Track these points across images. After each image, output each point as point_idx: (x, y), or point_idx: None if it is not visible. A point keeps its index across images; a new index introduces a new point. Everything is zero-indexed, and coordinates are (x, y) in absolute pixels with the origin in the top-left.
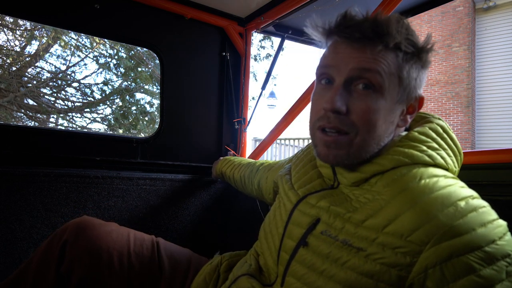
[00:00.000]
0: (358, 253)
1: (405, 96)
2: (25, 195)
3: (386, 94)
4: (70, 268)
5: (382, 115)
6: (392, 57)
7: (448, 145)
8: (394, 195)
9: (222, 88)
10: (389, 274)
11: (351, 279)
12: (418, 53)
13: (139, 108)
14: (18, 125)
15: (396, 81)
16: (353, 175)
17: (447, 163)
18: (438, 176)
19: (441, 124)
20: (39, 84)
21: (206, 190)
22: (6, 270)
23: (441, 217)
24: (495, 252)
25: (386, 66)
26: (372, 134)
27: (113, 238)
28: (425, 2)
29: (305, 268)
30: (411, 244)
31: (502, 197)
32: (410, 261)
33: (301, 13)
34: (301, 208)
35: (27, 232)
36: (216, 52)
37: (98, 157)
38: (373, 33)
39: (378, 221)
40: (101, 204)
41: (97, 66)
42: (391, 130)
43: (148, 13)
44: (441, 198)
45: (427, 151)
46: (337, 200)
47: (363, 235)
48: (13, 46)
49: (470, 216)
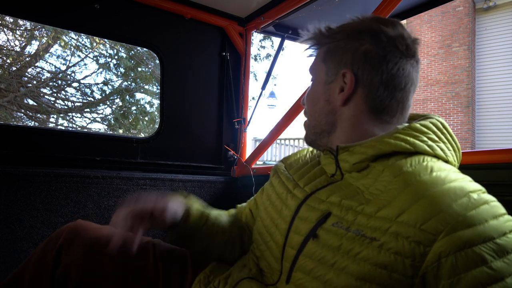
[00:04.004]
0: (371, 243)
1: (330, 76)
2: (25, 195)
3: (315, 80)
4: (65, 273)
5: (313, 97)
6: (320, 52)
7: (448, 139)
8: (407, 185)
9: (222, 88)
10: (403, 264)
11: (364, 270)
12: (336, 37)
13: (139, 108)
14: (18, 125)
15: (323, 67)
16: (353, 157)
17: (447, 155)
18: (447, 170)
19: (440, 121)
20: (39, 84)
21: (206, 190)
22: (6, 270)
23: (455, 206)
24: (506, 245)
25: (314, 60)
26: (310, 115)
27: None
28: (425, 2)
29: (314, 262)
30: (424, 233)
31: (502, 197)
32: (424, 250)
33: (301, 13)
34: (310, 203)
35: (27, 232)
36: (216, 52)
37: (98, 157)
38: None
39: (391, 210)
40: (101, 204)
41: (97, 66)
42: (329, 109)
43: (148, 13)
44: (454, 189)
45: (428, 142)
46: (347, 194)
47: (376, 226)
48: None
49: (482, 208)
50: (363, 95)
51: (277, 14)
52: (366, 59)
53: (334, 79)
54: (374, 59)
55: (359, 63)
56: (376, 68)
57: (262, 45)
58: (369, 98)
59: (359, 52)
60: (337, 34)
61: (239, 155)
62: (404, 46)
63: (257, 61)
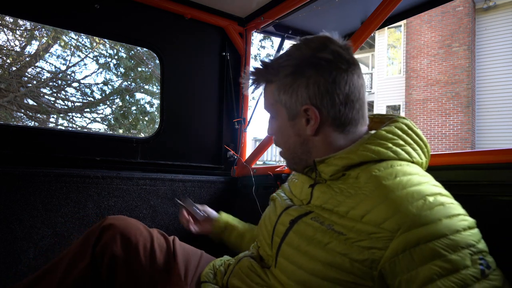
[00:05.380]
0: (339, 237)
1: (292, 114)
2: (25, 195)
3: (278, 118)
4: (104, 248)
5: (282, 134)
6: (269, 90)
7: (414, 140)
8: (373, 190)
9: (222, 88)
10: (364, 256)
11: (331, 258)
12: (282, 73)
13: (139, 108)
14: (18, 125)
15: (280, 106)
16: (328, 169)
17: (412, 156)
18: (412, 174)
19: (405, 123)
20: (39, 84)
21: (206, 190)
22: (6, 270)
23: (410, 208)
24: (459, 241)
25: (267, 99)
26: (284, 148)
27: (141, 229)
28: (425, 2)
29: (292, 249)
30: (384, 230)
31: (502, 197)
32: (383, 245)
33: (301, 13)
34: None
35: (27, 232)
36: (216, 52)
37: (98, 157)
38: (252, 83)
39: (358, 212)
40: (101, 204)
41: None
42: (301, 140)
43: (148, 13)
44: (412, 193)
45: (392, 148)
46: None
47: (345, 224)
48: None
49: (437, 208)
50: (329, 120)
51: (277, 14)
52: (319, 90)
53: (297, 115)
54: (327, 87)
55: (315, 96)
56: (331, 94)
57: (262, 45)
58: (335, 120)
59: (311, 87)
60: (280, 71)
61: (239, 155)
62: (344, 62)
63: (257, 61)
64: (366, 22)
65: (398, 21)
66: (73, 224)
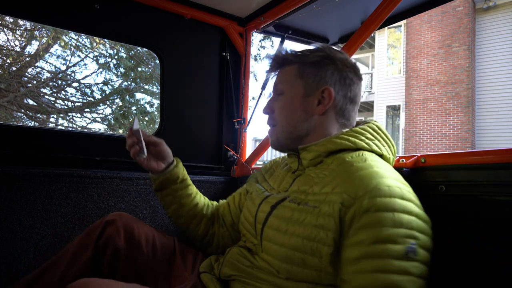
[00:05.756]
0: (314, 211)
1: (309, 91)
2: (25, 195)
3: (290, 93)
4: (107, 241)
5: (289, 108)
6: (290, 69)
7: (382, 138)
8: (344, 170)
9: (222, 88)
10: (334, 223)
11: (307, 232)
12: (310, 60)
13: (139, 108)
14: (18, 125)
15: (298, 83)
16: (309, 154)
17: (381, 149)
18: (378, 162)
19: (376, 124)
20: (39, 84)
21: (206, 190)
22: (6, 270)
23: (373, 181)
24: (403, 220)
25: (285, 76)
26: (286, 122)
27: (143, 225)
28: (425, 2)
29: (273, 231)
30: (348, 197)
31: (502, 197)
32: (345, 211)
33: (301, 13)
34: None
35: (27, 232)
36: (216, 52)
37: (98, 157)
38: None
39: (330, 186)
40: (101, 204)
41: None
42: (306, 118)
43: (148, 13)
44: (375, 173)
45: (365, 140)
46: (304, 182)
47: (318, 199)
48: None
49: (394, 189)
50: (336, 107)
51: (277, 14)
52: (340, 80)
53: (313, 93)
54: (346, 81)
55: (335, 82)
56: (347, 87)
57: (262, 45)
58: (340, 109)
59: (335, 74)
60: (307, 56)
61: (239, 155)
62: (359, 73)
63: (257, 61)
64: (366, 22)
65: (398, 21)
66: (73, 224)
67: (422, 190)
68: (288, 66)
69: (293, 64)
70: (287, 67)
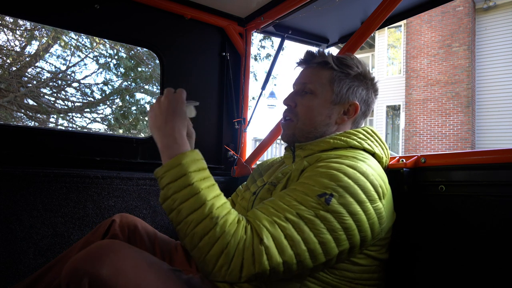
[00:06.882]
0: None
1: (338, 100)
2: (25, 195)
3: (320, 96)
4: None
5: (316, 109)
6: (326, 73)
7: (375, 139)
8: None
9: (222, 88)
10: None
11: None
12: (347, 71)
13: (139, 108)
14: (18, 125)
15: (329, 88)
16: (304, 152)
17: (373, 148)
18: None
19: (370, 128)
20: (39, 84)
21: None
22: (6, 270)
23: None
24: (339, 177)
25: (319, 78)
26: (309, 121)
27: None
28: (425, 2)
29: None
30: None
31: (502, 197)
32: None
33: (301, 13)
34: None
35: (27, 232)
36: (216, 52)
37: (98, 157)
38: (309, 57)
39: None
40: (101, 204)
41: (97, 66)
42: (328, 122)
43: (148, 13)
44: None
45: (357, 139)
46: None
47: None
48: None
49: (360, 165)
50: (354, 120)
51: (277, 14)
52: (366, 99)
53: (341, 103)
54: (369, 100)
55: (362, 100)
56: (368, 106)
57: (262, 45)
58: (355, 121)
59: (364, 93)
60: (346, 67)
61: (239, 155)
62: (377, 92)
63: (257, 61)
64: (366, 22)
65: (398, 21)
66: (73, 224)
67: (422, 190)
68: (324, 68)
69: (331, 69)
70: (324, 70)
